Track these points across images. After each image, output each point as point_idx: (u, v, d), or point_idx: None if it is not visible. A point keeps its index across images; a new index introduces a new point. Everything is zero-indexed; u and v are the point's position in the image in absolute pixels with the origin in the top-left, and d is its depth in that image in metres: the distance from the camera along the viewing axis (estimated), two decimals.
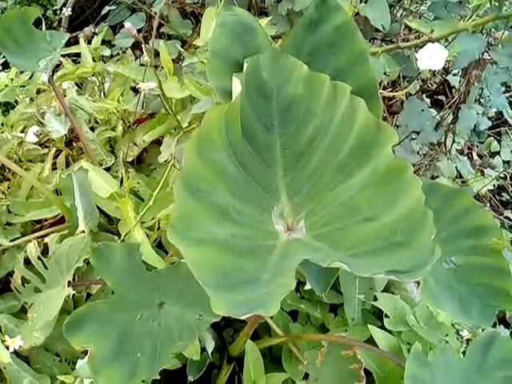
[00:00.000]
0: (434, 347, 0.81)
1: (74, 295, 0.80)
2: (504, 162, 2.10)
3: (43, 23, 1.92)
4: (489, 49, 1.15)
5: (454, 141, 1.40)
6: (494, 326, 1.11)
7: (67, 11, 1.77)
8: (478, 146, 2.15)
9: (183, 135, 0.82)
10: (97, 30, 1.87)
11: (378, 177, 0.51)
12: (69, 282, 0.75)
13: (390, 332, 1.03)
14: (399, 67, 1.03)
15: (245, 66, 0.60)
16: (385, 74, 1.06)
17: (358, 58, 0.63)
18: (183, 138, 0.82)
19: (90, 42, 1.80)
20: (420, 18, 1.17)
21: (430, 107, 1.55)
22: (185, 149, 0.47)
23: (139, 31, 1.73)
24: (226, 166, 0.52)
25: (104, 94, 1.31)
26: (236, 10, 0.62)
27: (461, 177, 1.46)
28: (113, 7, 1.84)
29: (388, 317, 1.03)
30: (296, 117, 0.62)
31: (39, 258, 0.80)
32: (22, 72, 1.26)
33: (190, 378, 0.93)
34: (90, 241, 0.76)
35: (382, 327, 1.03)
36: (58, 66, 1.48)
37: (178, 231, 0.44)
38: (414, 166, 1.16)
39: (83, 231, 0.79)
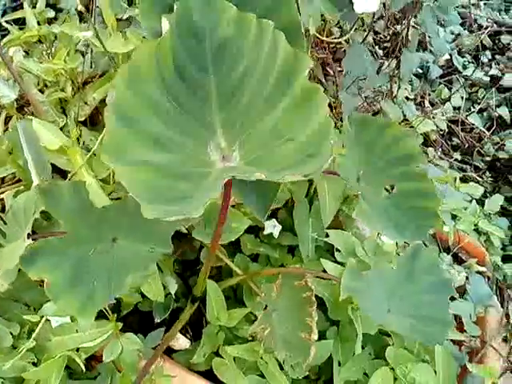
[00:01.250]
0: None
1: None
2: (454, 108, 2.20)
3: None
4: None
5: (399, 86, 1.46)
6: None
7: None
8: (430, 94, 2.24)
9: None
10: None
11: (296, 100, 0.56)
12: (28, 234, 0.79)
13: (342, 265, 1.11)
14: (338, 12, 1.07)
15: (175, 7, 0.63)
16: (324, 20, 1.09)
17: None
18: None
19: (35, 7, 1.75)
20: None
21: (382, 57, 1.61)
22: (115, 80, 0.51)
23: None
24: (158, 99, 0.56)
25: (51, 53, 1.30)
26: None
27: (407, 121, 1.54)
28: None
29: (339, 251, 1.11)
30: (228, 56, 0.66)
31: None
32: None
33: (157, 319, 1.00)
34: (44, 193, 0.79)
35: (336, 262, 1.12)
36: (4, 32, 1.46)
37: (111, 154, 0.48)
38: (357, 108, 1.21)
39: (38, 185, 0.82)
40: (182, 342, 1.00)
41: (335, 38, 1.15)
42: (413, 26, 1.32)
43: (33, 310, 0.88)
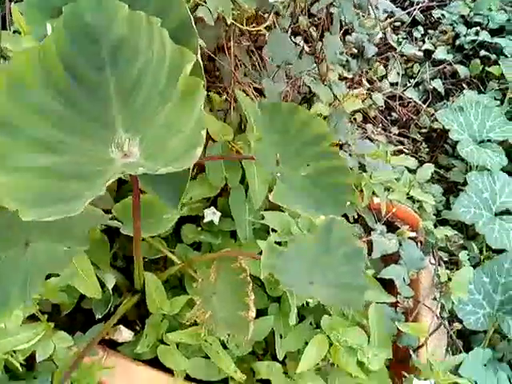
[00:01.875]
0: None
1: None
2: (392, 84, 2.28)
3: None
4: None
5: (327, 68, 1.51)
6: None
7: None
8: (367, 73, 2.31)
9: None
10: None
11: (181, 95, 0.59)
12: None
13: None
14: (253, 1, 1.09)
15: (63, 10, 0.65)
16: (240, 9, 1.12)
17: None
18: None
19: None
20: None
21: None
22: None
23: None
24: (45, 104, 0.58)
25: None
26: None
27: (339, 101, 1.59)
28: None
29: (275, 231, 1.16)
30: (125, 55, 0.68)
31: None
32: None
33: (98, 315, 1.02)
34: None
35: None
36: None
37: None
38: (281, 93, 1.25)
39: None
40: (125, 334, 1.02)
41: (254, 27, 1.18)
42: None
43: None
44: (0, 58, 1.04)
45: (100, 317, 1.01)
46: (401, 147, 1.90)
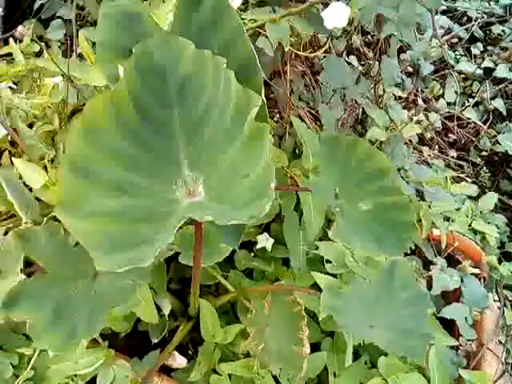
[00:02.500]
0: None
1: None
2: (449, 103, 2.19)
3: None
4: None
5: (384, 91, 1.47)
6: None
7: (0, 11, 1.76)
8: (423, 91, 2.23)
9: None
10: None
11: (246, 138, 0.58)
12: (20, 269, 0.83)
13: (333, 275, 1.13)
14: (311, 28, 1.08)
15: (134, 51, 0.66)
16: (297, 35, 1.11)
17: (237, 36, 0.69)
18: None
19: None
20: None
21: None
22: (68, 134, 0.54)
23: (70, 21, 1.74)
24: (118, 145, 0.59)
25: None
26: (118, 0, 0.67)
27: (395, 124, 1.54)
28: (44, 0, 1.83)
29: (329, 262, 1.12)
30: (191, 92, 0.68)
31: None
32: None
33: (154, 340, 1.03)
34: (35, 231, 0.83)
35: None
36: None
37: (66, 208, 0.51)
38: (338, 120, 1.23)
39: (26, 222, 0.86)
40: (179, 360, 1.02)
41: (311, 52, 1.16)
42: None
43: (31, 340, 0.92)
44: (68, 85, 1.09)
45: (156, 341, 1.02)
46: (460, 172, 1.82)
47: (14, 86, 1.37)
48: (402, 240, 0.88)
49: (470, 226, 1.36)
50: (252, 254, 1.25)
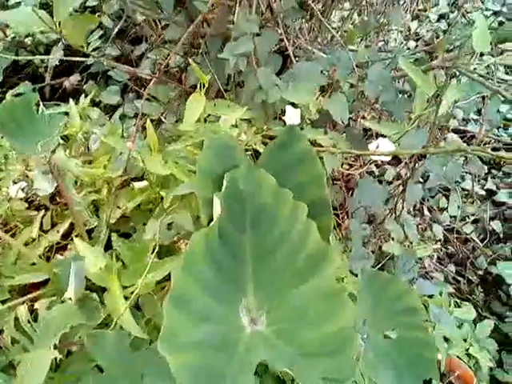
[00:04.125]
0: None
1: None
2: (451, 216, 2.32)
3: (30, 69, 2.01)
4: None
5: (403, 207, 1.58)
6: None
7: (53, 61, 1.87)
8: (428, 200, 2.37)
9: (165, 218, 0.95)
10: (82, 80, 1.97)
11: (322, 293, 0.65)
12: (55, 344, 0.85)
13: None
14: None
15: (225, 179, 0.74)
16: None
17: (315, 179, 0.78)
18: (165, 220, 0.94)
19: (74, 91, 1.91)
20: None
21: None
22: (174, 269, 0.60)
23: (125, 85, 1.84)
24: (206, 273, 0.65)
25: (88, 149, 1.42)
26: (219, 134, 0.76)
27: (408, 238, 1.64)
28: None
29: None
30: (265, 221, 0.76)
31: (29, 321, 0.89)
32: None
33: None
34: (77, 308, 0.87)
35: None
36: None
37: (167, 341, 0.56)
38: (364, 237, 1.31)
39: (70, 298, 0.90)
40: None
41: (347, 169, 1.27)
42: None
43: None
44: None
45: None
46: (456, 288, 1.91)
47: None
48: (421, 375, 0.93)
49: (467, 350, 1.42)
50: None
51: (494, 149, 2.62)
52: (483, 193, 2.41)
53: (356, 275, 1.09)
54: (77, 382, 0.83)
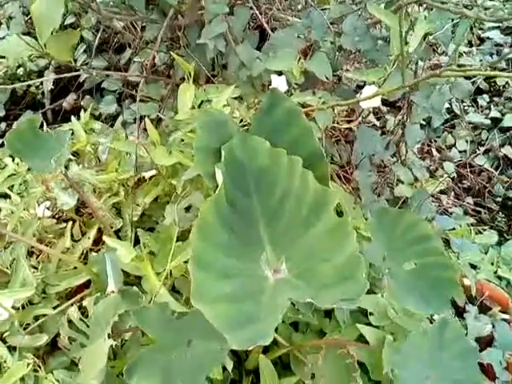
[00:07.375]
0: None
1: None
2: (460, 151, 2.34)
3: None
4: None
5: (406, 151, 1.61)
6: None
7: (48, 85, 1.95)
8: (435, 141, 2.39)
9: (180, 202, 1.02)
10: (78, 98, 2.05)
11: (327, 229, 0.71)
12: (108, 334, 0.94)
13: (376, 327, 1.23)
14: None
15: (222, 152, 0.80)
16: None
17: (305, 132, 0.83)
18: (181, 205, 1.01)
19: (74, 109, 1.99)
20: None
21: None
22: (191, 236, 0.67)
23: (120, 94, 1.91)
24: (219, 235, 0.71)
25: (99, 160, 1.50)
26: (210, 112, 0.82)
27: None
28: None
29: (372, 314, 1.22)
30: (266, 182, 0.82)
31: (81, 319, 0.98)
32: None
33: None
34: (121, 298, 0.95)
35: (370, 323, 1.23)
36: None
37: (197, 298, 0.63)
38: (373, 184, 1.36)
39: (113, 291, 0.98)
40: None
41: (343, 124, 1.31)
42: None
43: None
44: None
45: None
46: (478, 218, 1.94)
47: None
48: (445, 296, 0.99)
49: (495, 273, 1.46)
50: (297, 308, 1.35)
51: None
52: (489, 122, 2.41)
53: None
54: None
